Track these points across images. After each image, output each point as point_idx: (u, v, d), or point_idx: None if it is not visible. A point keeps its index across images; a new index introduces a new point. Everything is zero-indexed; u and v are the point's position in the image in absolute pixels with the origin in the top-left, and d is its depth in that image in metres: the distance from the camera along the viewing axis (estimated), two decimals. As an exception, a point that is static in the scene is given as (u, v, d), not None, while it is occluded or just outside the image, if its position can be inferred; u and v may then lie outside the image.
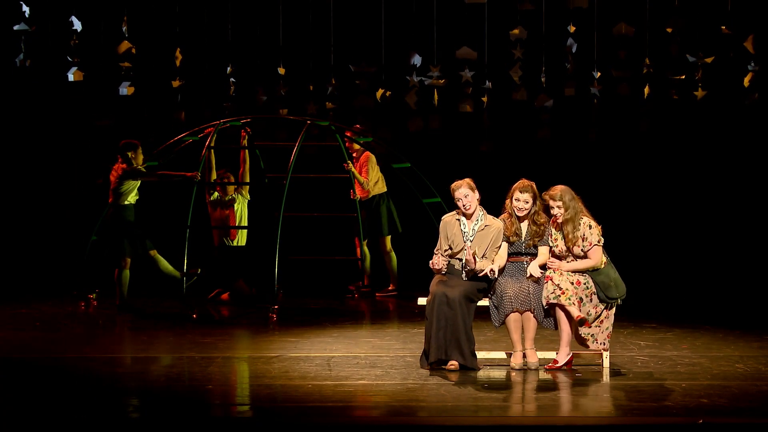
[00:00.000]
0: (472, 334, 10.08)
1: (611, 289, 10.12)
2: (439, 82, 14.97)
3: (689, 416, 8.38)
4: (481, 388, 9.41)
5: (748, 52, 14.80)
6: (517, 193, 10.25)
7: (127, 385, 9.62)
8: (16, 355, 10.87)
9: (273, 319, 12.86)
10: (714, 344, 11.45)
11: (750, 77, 14.87)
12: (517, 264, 10.28)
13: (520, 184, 10.31)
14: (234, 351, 11.20)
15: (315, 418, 8.54)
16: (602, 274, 10.14)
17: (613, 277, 10.15)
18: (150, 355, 10.88)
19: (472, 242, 10.18)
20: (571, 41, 14.93)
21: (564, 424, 8.44)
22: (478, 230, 10.22)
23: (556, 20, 15.05)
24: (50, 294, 14.99)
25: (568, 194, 10.20)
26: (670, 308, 14.26)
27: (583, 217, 10.19)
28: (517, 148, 16.35)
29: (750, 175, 16.73)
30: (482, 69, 15.05)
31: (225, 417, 8.67)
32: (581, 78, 15.11)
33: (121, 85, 15.05)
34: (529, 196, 10.23)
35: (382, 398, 8.96)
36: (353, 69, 15.20)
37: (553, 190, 10.22)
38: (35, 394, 9.05)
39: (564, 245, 10.20)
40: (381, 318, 13.23)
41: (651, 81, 15.09)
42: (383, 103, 15.21)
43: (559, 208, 10.18)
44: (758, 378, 9.79)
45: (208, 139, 13.92)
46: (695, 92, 15.07)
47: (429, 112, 15.16)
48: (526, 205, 10.22)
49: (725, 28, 14.71)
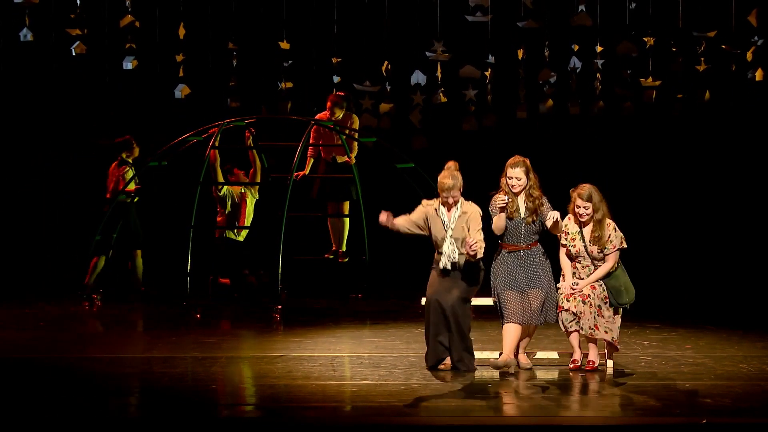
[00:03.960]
0: (468, 335, 10.04)
1: (622, 295, 10.05)
2: (445, 56, 14.94)
3: (693, 416, 8.37)
4: (484, 389, 9.41)
5: (751, 26, 14.72)
6: (509, 169, 10.08)
7: (130, 384, 9.63)
8: (20, 355, 10.87)
9: (277, 319, 12.86)
10: (718, 344, 11.44)
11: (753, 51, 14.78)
12: (515, 254, 10.11)
13: (512, 160, 10.12)
14: (238, 351, 11.20)
15: (318, 418, 8.54)
16: (614, 278, 10.07)
17: (624, 282, 10.09)
18: (154, 355, 10.88)
19: (453, 230, 10.05)
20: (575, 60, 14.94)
21: (568, 424, 8.44)
22: (458, 218, 10.09)
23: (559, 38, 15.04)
24: (54, 294, 15.00)
25: (597, 194, 10.06)
26: (673, 308, 14.26)
27: (608, 219, 10.11)
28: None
29: (753, 175, 16.71)
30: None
31: (229, 417, 8.67)
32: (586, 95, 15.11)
33: (124, 60, 14.99)
34: (521, 171, 10.04)
35: (385, 398, 8.96)
36: (357, 88, 15.17)
37: (582, 189, 10.07)
38: (39, 393, 9.05)
39: (581, 245, 10.10)
40: (384, 318, 13.23)
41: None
42: (389, 119, 15.19)
43: (586, 209, 10.05)
44: (762, 378, 9.78)
45: (212, 139, 13.94)
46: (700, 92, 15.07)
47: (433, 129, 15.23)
48: (519, 181, 10.03)
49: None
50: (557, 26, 14.95)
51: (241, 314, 13.63)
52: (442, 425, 8.34)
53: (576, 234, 10.14)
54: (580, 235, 10.14)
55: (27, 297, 14.88)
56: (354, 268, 15.17)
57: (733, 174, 16.76)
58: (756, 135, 16.53)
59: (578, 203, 10.08)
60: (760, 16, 14.58)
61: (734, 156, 16.70)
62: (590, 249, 10.08)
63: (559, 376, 9.92)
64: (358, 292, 14.90)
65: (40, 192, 17.01)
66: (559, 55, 15.05)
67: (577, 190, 10.10)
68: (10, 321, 12.94)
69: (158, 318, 13.61)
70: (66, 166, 16.86)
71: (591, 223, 10.11)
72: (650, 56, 14.93)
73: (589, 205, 10.05)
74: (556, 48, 15.05)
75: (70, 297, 14.39)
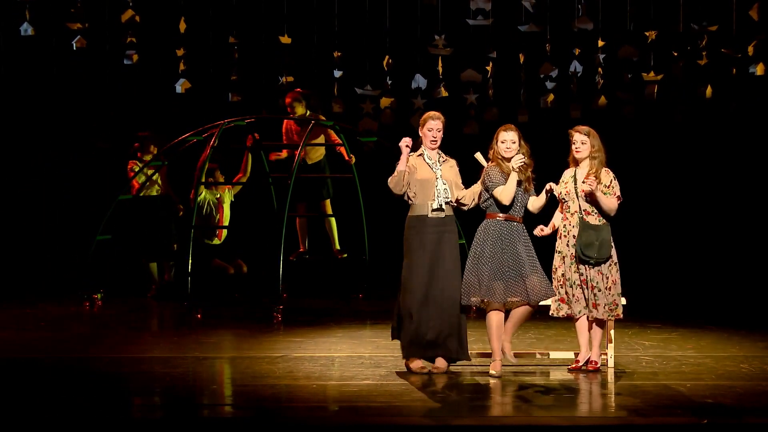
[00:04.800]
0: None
1: (593, 248, 9.75)
2: (446, 50, 14.93)
3: (694, 416, 8.37)
4: (484, 389, 9.41)
5: (752, 20, 14.70)
6: (502, 134, 9.81)
7: (131, 385, 9.63)
8: (21, 355, 10.87)
9: (277, 319, 12.86)
10: (719, 344, 11.44)
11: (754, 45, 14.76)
12: (510, 223, 9.77)
13: (503, 126, 9.89)
14: (238, 351, 11.20)
15: (319, 418, 8.54)
16: (596, 230, 9.77)
17: (602, 239, 9.76)
18: (155, 355, 10.88)
19: (441, 173, 9.88)
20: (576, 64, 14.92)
21: (568, 424, 8.43)
22: (443, 163, 9.95)
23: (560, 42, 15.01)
24: (55, 294, 15.00)
25: (596, 136, 9.86)
26: (674, 308, 14.26)
27: (606, 168, 9.86)
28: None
29: (754, 175, 16.71)
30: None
31: (229, 417, 8.67)
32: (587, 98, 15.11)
33: (125, 55, 14.96)
34: (514, 134, 9.80)
35: (386, 398, 8.95)
36: (358, 92, 15.14)
37: (581, 126, 9.89)
38: (40, 394, 9.05)
39: (572, 186, 9.85)
40: (384, 318, 13.22)
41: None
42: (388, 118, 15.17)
43: (583, 143, 9.81)
44: (763, 378, 9.77)
45: (212, 138, 13.93)
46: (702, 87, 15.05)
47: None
48: (513, 144, 9.78)
49: None
50: (558, 30, 14.93)
51: (241, 314, 13.63)
52: (442, 425, 8.34)
53: (569, 178, 9.96)
54: (573, 178, 9.94)
55: (27, 297, 14.87)
56: (354, 268, 15.18)
57: (733, 174, 16.76)
58: (757, 133, 16.51)
59: (575, 138, 9.87)
60: (761, 11, 14.56)
61: (736, 156, 16.69)
62: (581, 190, 9.82)
63: (558, 376, 9.91)
64: (358, 292, 14.91)
65: (40, 192, 17.01)
66: (561, 56, 15.03)
67: (576, 127, 9.93)
68: (10, 321, 12.93)
69: (158, 318, 13.61)
70: (66, 166, 16.85)
71: (588, 161, 9.89)
72: (651, 50, 14.89)
73: (587, 140, 9.85)
74: (557, 48, 15.03)
75: (70, 297, 14.39)
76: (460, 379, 9.71)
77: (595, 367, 9.96)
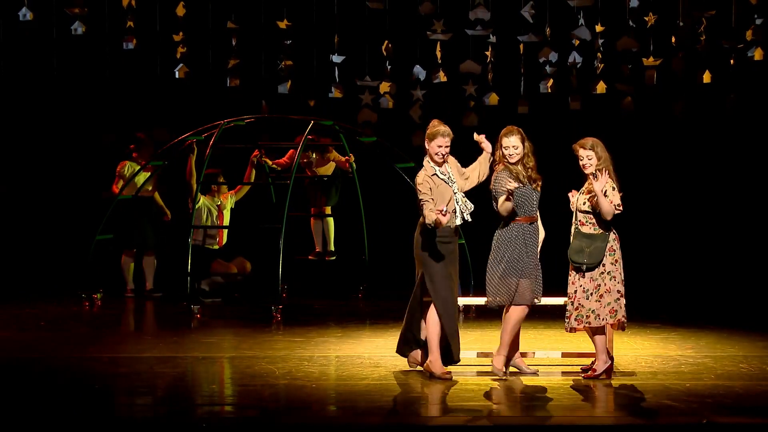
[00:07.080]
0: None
1: (582, 254, 9.68)
2: (445, 36, 14.91)
3: (693, 416, 8.37)
4: (484, 389, 9.41)
5: (750, 4, 14.66)
6: (504, 139, 9.75)
7: (131, 385, 9.62)
8: (21, 355, 10.87)
9: (277, 319, 12.86)
10: (718, 344, 11.44)
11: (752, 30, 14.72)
12: (534, 225, 9.74)
13: (506, 129, 9.81)
14: (238, 351, 11.20)
15: (319, 418, 8.54)
16: (589, 237, 9.69)
17: (595, 246, 9.67)
18: (154, 355, 10.88)
19: (456, 185, 9.82)
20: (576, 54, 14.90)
21: (568, 423, 8.44)
22: (451, 171, 9.88)
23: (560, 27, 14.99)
24: (55, 294, 15.00)
25: (600, 146, 9.74)
26: (674, 308, 14.26)
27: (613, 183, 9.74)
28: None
29: (755, 175, 16.71)
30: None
31: (229, 417, 8.67)
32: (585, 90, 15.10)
33: (124, 39, 14.92)
34: (516, 139, 9.73)
35: (386, 398, 8.96)
36: (358, 83, 15.12)
37: (584, 140, 9.76)
38: (39, 393, 9.05)
39: (580, 200, 9.75)
40: (384, 318, 13.22)
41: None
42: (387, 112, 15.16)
43: (589, 159, 9.69)
44: (762, 378, 9.78)
45: (212, 138, 13.92)
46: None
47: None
48: (516, 150, 9.72)
49: None
50: (558, 38, 14.91)
51: (241, 314, 13.63)
52: (442, 425, 8.34)
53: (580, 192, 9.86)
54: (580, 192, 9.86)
55: (27, 297, 14.87)
56: (354, 268, 15.18)
57: (734, 173, 16.76)
58: (757, 131, 16.49)
59: (581, 154, 9.76)
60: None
61: (736, 155, 16.69)
62: (586, 186, 9.73)
63: (558, 376, 9.91)
64: (358, 292, 14.92)
65: (40, 192, 17.01)
66: (560, 43, 15.00)
67: (580, 141, 9.80)
68: (10, 321, 12.93)
69: (158, 318, 13.61)
70: (66, 165, 16.85)
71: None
72: (650, 36, 14.86)
73: (592, 154, 9.71)
74: (556, 36, 15.02)
75: (70, 297, 14.39)
76: (460, 379, 9.71)
77: (594, 374, 9.80)
